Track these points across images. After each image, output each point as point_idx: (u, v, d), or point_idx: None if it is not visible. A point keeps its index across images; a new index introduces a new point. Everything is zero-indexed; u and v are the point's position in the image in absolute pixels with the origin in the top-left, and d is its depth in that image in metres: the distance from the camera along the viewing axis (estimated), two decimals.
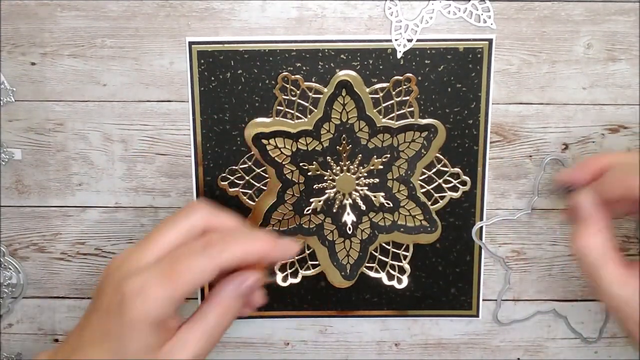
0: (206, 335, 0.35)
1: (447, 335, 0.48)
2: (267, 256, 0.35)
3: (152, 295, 0.34)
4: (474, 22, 0.43)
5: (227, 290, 0.36)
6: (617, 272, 0.35)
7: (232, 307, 0.36)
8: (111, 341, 0.34)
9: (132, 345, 0.34)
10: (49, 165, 0.46)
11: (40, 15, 0.43)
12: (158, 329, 0.34)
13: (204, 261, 0.34)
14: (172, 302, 0.34)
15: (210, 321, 0.35)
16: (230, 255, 0.34)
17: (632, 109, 0.45)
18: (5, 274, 0.47)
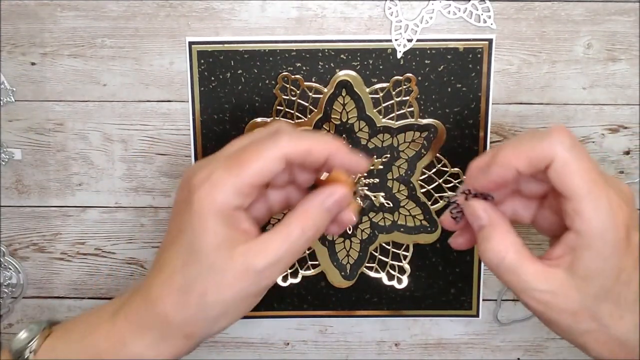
0: (287, 243, 0.34)
1: (447, 335, 0.48)
2: (336, 156, 0.34)
3: (217, 181, 0.33)
4: (474, 22, 0.43)
5: (312, 202, 0.35)
6: (536, 268, 0.33)
7: (318, 219, 0.34)
8: (183, 237, 0.34)
9: (203, 239, 0.33)
10: (49, 165, 0.46)
11: (40, 15, 0.44)
12: (227, 221, 0.33)
13: (270, 148, 0.33)
14: (237, 188, 0.33)
15: (294, 230, 0.34)
16: (297, 145, 0.33)
17: (632, 109, 0.45)
18: (5, 274, 0.47)
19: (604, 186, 0.31)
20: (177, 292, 0.34)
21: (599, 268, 0.32)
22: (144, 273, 0.47)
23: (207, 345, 0.48)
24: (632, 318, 0.33)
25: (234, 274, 0.33)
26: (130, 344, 0.35)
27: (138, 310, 0.35)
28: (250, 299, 0.34)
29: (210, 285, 0.33)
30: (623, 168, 0.46)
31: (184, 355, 0.36)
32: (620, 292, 0.32)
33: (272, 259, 0.33)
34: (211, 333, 0.35)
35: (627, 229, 0.32)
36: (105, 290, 0.47)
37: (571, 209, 0.31)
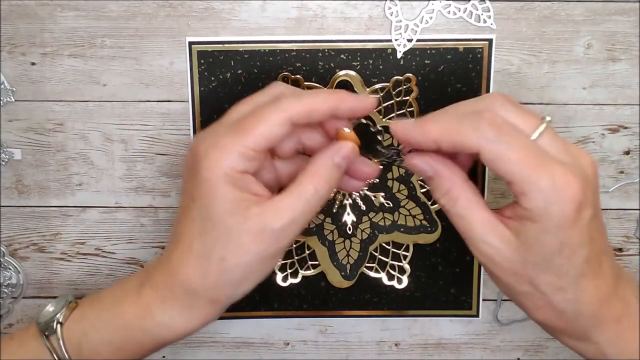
0: (302, 202, 0.34)
1: (447, 335, 0.48)
2: (340, 106, 0.34)
3: (222, 147, 0.33)
4: (474, 22, 0.43)
5: (322, 159, 0.35)
6: (486, 218, 0.33)
7: (329, 176, 0.34)
8: (196, 206, 0.34)
9: (215, 204, 0.33)
10: (49, 165, 0.46)
11: (40, 15, 0.44)
12: (237, 184, 0.33)
13: (273, 111, 0.34)
14: (243, 152, 0.33)
15: (307, 189, 0.34)
16: (300, 106, 0.34)
17: (632, 109, 0.45)
18: (5, 274, 0.47)
19: (545, 166, 0.31)
20: (196, 260, 0.34)
21: (541, 241, 0.32)
22: None
23: (207, 345, 0.48)
24: (572, 291, 0.33)
25: (250, 236, 0.33)
26: (157, 314, 0.35)
27: (162, 282, 0.35)
28: (269, 260, 0.35)
29: (228, 250, 0.33)
30: (623, 168, 0.46)
31: (212, 320, 0.36)
32: (562, 264, 0.32)
33: (288, 218, 0.33)
34: (236, 297, 0.35)
35: (577, 205, 0.31)
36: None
37: (514, 190, 0.31)
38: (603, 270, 0.34)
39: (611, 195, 0.46)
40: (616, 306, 0.34)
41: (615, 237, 0.46)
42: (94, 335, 0.36)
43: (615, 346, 0.34)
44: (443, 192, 0.34)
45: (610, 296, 0.34)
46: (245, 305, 0.47)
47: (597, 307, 0.33)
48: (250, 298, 0.46)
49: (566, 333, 0.35)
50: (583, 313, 0.33)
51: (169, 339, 0.36)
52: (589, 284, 0.33)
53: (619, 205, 0.46)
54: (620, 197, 0.46)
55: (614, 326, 0.34)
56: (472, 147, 0.31)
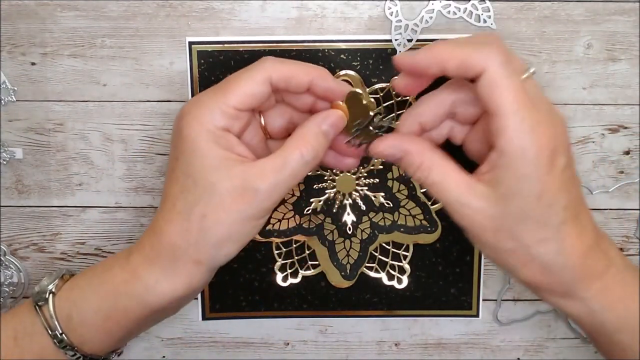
0: (287, 168, 0.34)
1: (447, 335, 0.48)
2: (318, 80, 0.35)
3: (203, 104, 0.34)
4: (474, 22, 0.43)
5: (309, 126, 0.35)
6: (460, 180, 0.33)
7: (315, 143, 0.35)
8: (178, 164, 0.34)
9: (196, 160, 0.33)
10: (49, 165, 0.46)
11: (40, 15, 0.44)
12: (219, 141, 0.33)
13: (253, 71, 0.34)
14: (223, 110, 0.33)
15: (292, 154, 0.34)
16: (281, 69, 0.34)
17: (632, 109, 0.45)
18: (6, 273, 0.47)
19: (531, 107, 0.31)
20: (178, 218, 0.34)
21: (518, 187, 0.32)
22: None
23: (207, 345, 0.48)
24: (555, 241, 0.33)
25: (232, 194, 0.33)
26: (144, 276, 0.35)
27: (148, 244, 0.35)
28: (251, 222, 0.34)
29: (209, 207, 0.33)
30: (623, 168, 0.46)
31: (198, 285, 0.36)
32: (542, 213, 0.32)
33: (272, 180, 0.33)
34: (219, 259, 0.35)
35: (551, 151, 0.31)
36: None
37: (495, 126, 0.31)
38: (582, 222, 0.34)
39: (611, 195, 0.46)
40: (600, 260, 0.34)
41: (615, 237, 0.46)
42: (83, 304, 0.36)
43: (601, 301, 0.34)
44: (415, 167, 0.34)
45: (593, 249, 0.34)
46: (245, 305, 0.47)
47: (581, 259, 0.33)
48: (250, 298, 0.47)
49: (553, 290, 0.35)
50: (567, 265, 0.33)
51: (156, 304, 0.35)
52: (571, 232, 0.33)
53: (619, 205, 0.46)
54: (620, 197, 0.46)
55: (599, 281, 0.34)
56: (478, 67, 0.31)
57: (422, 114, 0.36)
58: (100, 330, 0.36)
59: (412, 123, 0.36)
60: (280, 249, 0.46)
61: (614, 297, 0.34)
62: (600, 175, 0.46)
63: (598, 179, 0.46)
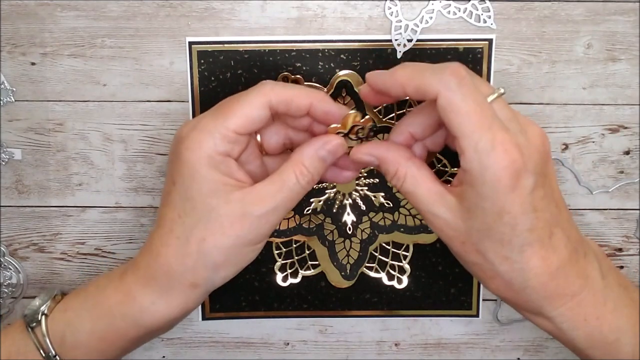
0: (284, 193, 0.34)
1: (447, 335, 0.48)
2: (317, 105, 0.35)
3: (203, 128, 0.34)
4: (474, 22, 0.43)
5: (307, 150, 0.35)
6: (432, 189, 0.34)
7: (312, 168, 0.35)
8: (177, 188, 0.34)
9: (196, 185, 0.33)
10: (49, 165, 0.46)
11: (40, 15, 0.44)
12: (218, 167, 0.33)
13: (253, 95, 0.34)
14: (223, 134, 0.33)
15: (289, 178, 0.34)
16: (280, 93, 0.34)
17: (632, 109, 0.45)
18: (6, 274, 0.47)
19: (489, 128, 0.31)
20: (176, 242, 0.34)
21: (479, 205, 0.32)
22: None
23: (207, 345, 0.48)
24: (518, 262, 0.33)
25: (231, 219, 0.33)
26: (138, 298, 0.35)
27: (143, 266, 0.35)
28: (249, 247, 0.35)
29: (208, 232, 0.33)
30: (623, 168, 0.46)
31: (194, 307, 0.36)
32: (505, 232, 0.32)
33: (270, 205, 0.34)
34: (215, 282, 0.35)
35: (514, 172, 0.31)
36: None
37: (457, 146, 0.32)
38: (553, 243, 0.33)
39: (611, 195, 0.46)
40: (573, 281, 0.34)
41: (615, 237, 0.46)
42: (77, 325, 0.36)
43: (569, 320, 0.34)
44: (391, 175, 0.35)
45: (565, 270, 0.34)
46: (245, 305, 0.47)
47: (546, 280, 0.33)
48: (250, 298, 0.47)
49: (520, 306, 0.35)
50: (531, 285, 0.33)
51: (151, 325, 0.36)
52: (535, 254, 0.33)
53: (619, 205, 0.46)
54: (620, 197, 0.46)
55: (569, 302, 0.34)
56: (432, 91, 0.32)
57: (412, 123, 0.36)
58: (94, 351, 0.36)
59: (403, 131, 0.36)
60: (280, 249, 0.46)
61: (585, 316, 0.34)
62: (600, 175, 0.46)
63: (598, 179, 0.46)
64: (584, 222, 0.46)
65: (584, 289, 0.34)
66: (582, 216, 0.46)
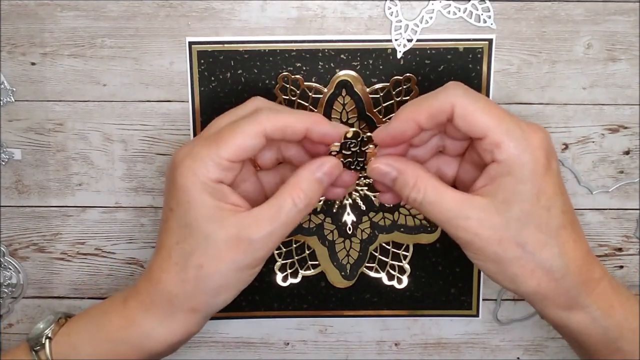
0: (281, 217, 0.34)
1: (447, 335, 0.48)
2: (314, 129, 0.35)
3: (197, 156, 0.34)
4: (474, 22, 0.43)
5: (303, 173, 0.35)
6: (457, 197, 0.34)
7: (309, 191, 0.35)
8: (173, 215, 0.35)
9: (192, 212, 0.34)
10: (49, 165, 0.46)
11: (40, 15, 0.43)
12: (213, 193, 0.34)
13: (248, 123, 0.34)
14: (217, 162, 0.34)
15: (285, 202, 0.34)
16: (275, 120, 0.34)
17: (632, 109, 0.45)
18: (5, 274, 0.47)
19: (512, 117, 0.33)
20: (175, 267, 0.35)
21: (518, 191, 0.32)
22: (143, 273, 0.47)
23: (207, 345, 0.48)
24: (556, 245, 0.34)
25: (227, 244, 0.34)
26: (141, 322, 0.36)
27: (145, 292, 0.36)
28: (247, 271, 0.35)
29: (205, 258, 0.34)
30: (623, 168, 0.46)
31: (195, 331, 0.36)
32: (542, 216, 0.33)
33: (266, 230, 0.34)
34: (215, 306, 0.36)
35: (545, 153, 0.33)
36: (105, 290, 0.47)
37: (488, 143, 0.33)
38: (577, 228, 0.35)
39: (611, 195, 0.46)
40: (595, 267, 0.35)
41: (615, 237, 0.46)
42: (80, 349, 0.37)
43: (601, 308, 0.35)
44: (410, 187, 0.35)
45: (589, 255, 0.35)
46: (245, 305, 0.47)
47: (580, 265, 0.34)
48: (250, 298, 0.47)
49: (557, 300, 0.35)
50: (570, 270, 0.34)
51: (153, 350, 0.36)
52: (569, 237, 0.34)
53: (619, 205, 0.46)
54: (620, 197, 0.46)
55: (597, 287, 0.35)
56: (446, 108, 0.33)
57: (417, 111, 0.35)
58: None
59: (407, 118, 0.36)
60: (280, 249, 0.46)
61: (612, 303, 0.35)
62: (600, 175, 0.46)
63: (598, 179, 0.46)
64: (584, 222, 0.46)
65: (604, 275, 0.36)
66: (582, 216, 0.46)
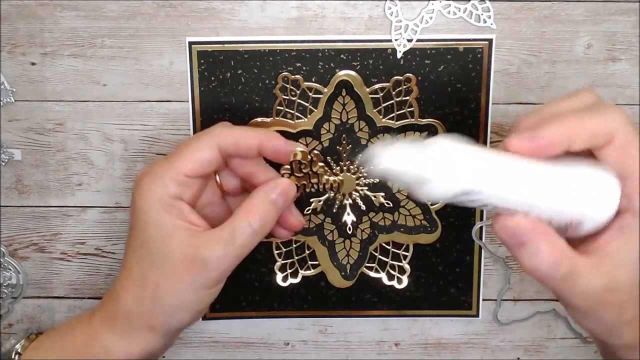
0: (236, 239, 0.34)
1: (447, 335, 0.48)
2: (266, 143, 0.36)
3: (154, 173, 0.35)
4: (474, 22, 0.43)
5: (258, 194, 0.36)
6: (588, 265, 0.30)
7: (263, 212, 0.35)
8: (134, 233, 0.35)
9: (149, 230, 0.34)
10: (49, 165, 0.46)
11: (40, 15, 0.43)
12: (170, 210, 0.34)
13: (203, 138, 0.35)
14: (173, 177, 0.34)
15: (240, 224, 0.34)
16: (228, 134, 0.35)
17: (632, 109, 0.45)
18: (5, 275, 0.47)
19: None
20: (134, 286, 0.35)
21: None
22: None
23: (207, 345, 0.48)
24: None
25: (183, 264, 0.34)
26: (102, 338, 0.36)
27: (108, 308, 0.37)
28: (203, 291, 0.35)
29: (162, 277, 0.34)
30: None
31: (155, 349, 0.37)
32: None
33: (219, 251, 0.34)
34: (173, 326, 0.36)
35: None
36: (105, 290, 0.47)
37: (629, 187, 0.30)
38: None
39: None
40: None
41: None
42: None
43: None
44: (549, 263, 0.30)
45: None
46: (245, 305, 0.47)
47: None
48: (250, 298, 0.47)
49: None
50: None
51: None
52: None
53: None
54: None
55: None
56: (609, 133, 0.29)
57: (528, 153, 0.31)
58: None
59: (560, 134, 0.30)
60: (280, 249, 0.46)
61: None
62: None
63: None
64: None
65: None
66: None
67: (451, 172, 0.29)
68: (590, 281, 0.30)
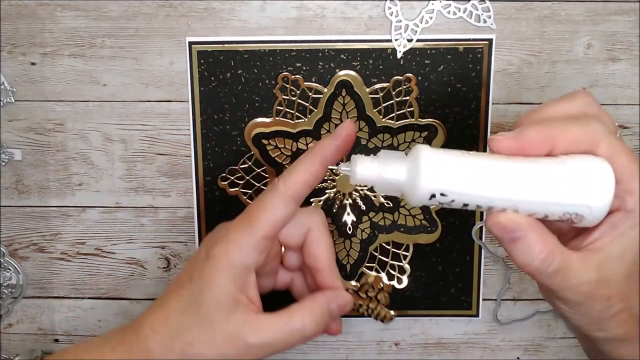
0: (285, 331, 0.34)
1: (447, 335, 0.48)
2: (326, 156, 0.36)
3: (232, 239, 0.34)
4: (474, 22, 0.43)
5: (319, 298, 0.36)
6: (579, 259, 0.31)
7: (319, 317, 0.35)
8: (191, 285, 0.35)
9: (209, 292, 0.34)
10: (49, 165, 0.46)
11: (40, 15, 0.43)
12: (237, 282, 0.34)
13: (272, 197, 0.35)
14: (252, 243, 0.34)
15: (296, 321, 0.35)
16: (294, 183, 0.35)
17: (632, 109, 0.45)
18: (5, 275, 0.47)
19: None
20: (167, 333, 0.35)
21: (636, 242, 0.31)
22: (143, 273, 0.47)
23: None
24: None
25: (224, 336, 0.34)
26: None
27: (127, 342, 0.36)
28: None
29: (199, 338, 0.34)
30: None
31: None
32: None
33: (266, 339, 0.34)
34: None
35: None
36: (105, 290, 0.47)
37: (620, 189, 0.30)
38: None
39: None
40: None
41: None
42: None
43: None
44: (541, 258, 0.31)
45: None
46: None
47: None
48: None
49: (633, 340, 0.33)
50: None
51: None
52: None
53: None
54: None
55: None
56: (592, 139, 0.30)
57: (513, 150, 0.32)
58: None
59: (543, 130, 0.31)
60: None
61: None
62: None
63: None
64: None
65: None
66: None
67: (422, 176, 0.30)
68: (582, 276, 0.31)
